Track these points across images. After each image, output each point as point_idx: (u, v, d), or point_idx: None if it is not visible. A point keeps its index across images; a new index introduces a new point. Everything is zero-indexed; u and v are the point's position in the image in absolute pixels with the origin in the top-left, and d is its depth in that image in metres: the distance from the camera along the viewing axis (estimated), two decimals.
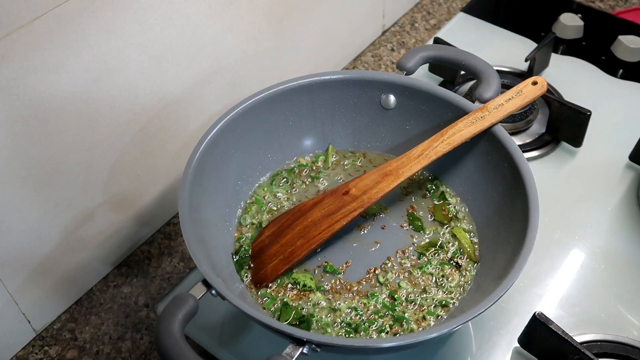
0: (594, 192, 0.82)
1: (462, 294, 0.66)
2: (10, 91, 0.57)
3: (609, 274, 0.74)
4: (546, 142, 0.88)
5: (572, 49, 1.04)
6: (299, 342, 0.53)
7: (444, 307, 0.65)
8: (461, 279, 0.67)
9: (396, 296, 0.65)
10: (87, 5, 0.60)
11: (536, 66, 0.95)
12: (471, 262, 0.68)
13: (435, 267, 0.68)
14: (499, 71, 0.86)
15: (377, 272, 0.68)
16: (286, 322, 0.63)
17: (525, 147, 0.86)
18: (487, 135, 0.69)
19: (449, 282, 0.67)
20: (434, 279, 0.67)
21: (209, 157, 0.67)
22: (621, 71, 1.01)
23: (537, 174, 0.64)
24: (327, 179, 0.77)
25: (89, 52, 0.62)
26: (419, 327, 0.63)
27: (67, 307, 0.76)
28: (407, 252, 0.69)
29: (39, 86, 0.59)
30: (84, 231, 0.72)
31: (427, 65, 0.97)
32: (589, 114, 0.83)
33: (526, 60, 0.93)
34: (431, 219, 0.73)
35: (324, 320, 0.64)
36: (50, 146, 0.63)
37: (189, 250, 0.58)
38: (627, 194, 0.82)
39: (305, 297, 0.66)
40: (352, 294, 0.66)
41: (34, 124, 0.61)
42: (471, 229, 0.71)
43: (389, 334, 0.63)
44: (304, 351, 0.53)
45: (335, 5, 0.94)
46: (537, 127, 0.89)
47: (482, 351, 0.68)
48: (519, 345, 0.67)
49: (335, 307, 0.65)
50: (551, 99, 0.87)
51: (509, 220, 0.65)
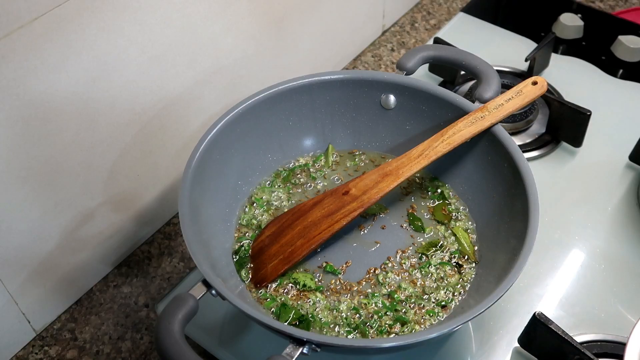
0: (594, 192, 0.82)
1: (462, 294, 0.66)
2: (10, 91, 0.57)
3: (609, 274, 0.74)
4: (546, 142, 0.88)
5: (572, 49, 1.04)
6: (299, 342, 0.53)
7: (444, 307, 0.65)
8: (461, 279, 0.67)
9: (396, 296, 0.65)
10: (87, 5, 0.60)
11: (536, 66, 0.95)
12: (471, 262, 0.68)
13: (435, 267, 0.68)
14: (499, 71, 0.86)
15: (377, 272, 0.68)
16: (286, 322, 0.63)
17: (525, 147, 0.86)
18: (487, 135, 0.69)
19: (449, 282, 0.67)
20: (434, 279, 0.67)
21: (209, 157, 0.67)
22: (621, 71, 1.01)
23: (537, 174, 0.64)
24: (327, 179, 0.77)
25: (89, 52, 0.62)
26: (419, 327, 0.63)
27: (67, 307, 0.76)
28: (407, 252, 0.69)
29: (39, 86, 0.59)
30: (84, 231, 0.72)
31: (427, 65, 0.97)
32: (589, 114, 0.83)
33: (526, 60, 0.93)
34: (431, 219, 0.73)
35: (324, 320, 0.64)
36: (50, 146, 0.63)
37: (189, 250, 0.58)
38: (627, 194, 0.82)
39: (305, 297, 0.66)
40: (352, 294, 0.66)
41: (34, 124, 0.61)
42: (471, 229, 0.71)
43: (389, 334, 0.63)
44: (304, 351, 0.53)
45: (335, 5, 0.94)
46: (537, 127, 0.89)
47: (482, 351, 0.68)
48: (519, 345, 0.67)
49: (335, 307, 0.65)
50: (551, 99, 0.87)
51: (509, 220, 0.65)
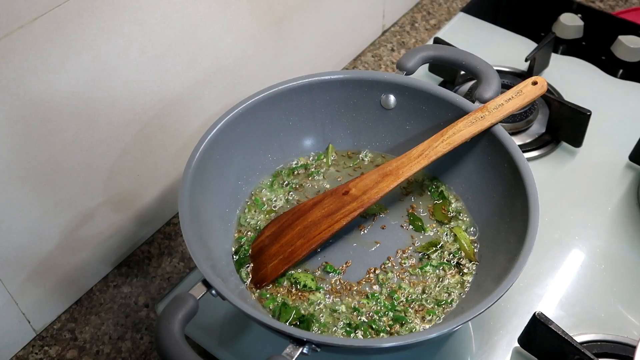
0: (593, 192, 0.82)
1: (462, 294, 0.66)
2: (10, 91, 0.57)
3: (609, 274, 0.74)
4: (546, 142, 0.88)
5: (572, 49, 1.04)
6: (299, 342, 0.53)
7: (444, 307, 0.65)
8: (461, 279, 0.67)
9: (396, 296, 0.65)
10: (87, 5, 0.60)
11: (536, 66, 0.95)
12: (471, 262, 0.68)
13: (435, 267, 0.68)
14: (499, 71, 0.86)
15: (377, 272, 0.68)
16: (286, 322, 0.63)
17: (525, 147, 0.86)
18: (487, 135, 0.69)
19: (449, 282, 0.67)
20: (434, 279, 0.67)
21: (209, 157, 0.67)
22: (621, 71, 1.01)
23: (537, 174, 0.64)
24: (327, 179, 0.77)
25: (89, 52, 0.62)
26: (419, 327, 0.63)
27: (67, 307, 0.76)
28: (407, 252, 0.69)
29: (39, 86, 0.59)
30: (84, 231, 0.72)
31: (427, 65, 0.97)
32: (589, 114, 0.83)
33: (526, 60, 0.93)
34: (431, 218, 0.73)
35: (324, 320, 0.64)
36: (50, 146, 0.63)
37: (189, 250, 0.58)
38: (627, 194, 0.82)
39: (305, 297, 0.66)
40: (352, 294, 0.66)
41: (34, 124, 0.61)
42: (471, 229, 0.71)
43: (389, 334, 0.63)
44: (304, 351, 0.53)
45: (335, 5, 0.94)
46: (537, 127, 0.89)
47: (482, 351, 0.68)
48: (519, 345, 0.67)
49: (335, 307, 0.65)
50: (551, 99, 0.87)
51: (509, 220, 0.65)
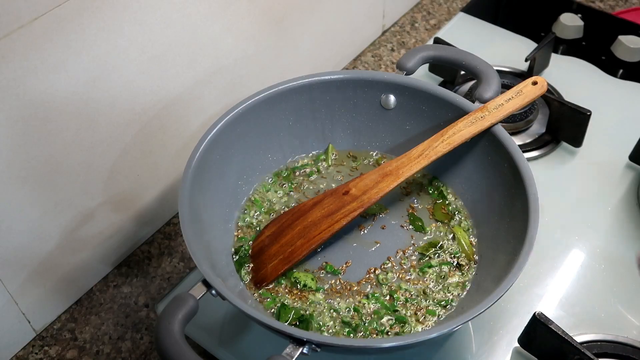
0: (593, 192, 0.82)
1: (462, 294, 0.66)
2: (10, 91, 0.57)
3: (608, 274, 0.74)
4: (546, 142, 0.88)
5: (572, 49, 1.04)
6: (299, 342, 0.53)
7: (444, 307, 0.65)
8: (461, 279, 0.67)
9: (396, 296, 0.65)
10: (87, 5, 0.60)
11: (536, 66, 0.95)
12: (471, 262, 0.68)
13: (435, 267, 0.68)
14: (499, 71, 0.86)
15: (377, 272, 0.68)
16: (286, 322, 0.63)
17: (525, 147, 0.86)
18: (487, 135, 0.69)
19: (449, 282, 0.67)
20: (434, 279, 0.67)
21: (209, 157, 0.67)
22: (621, 71, 1.01)
23: (537, 174, 0.64)
24: (327, 179, 0.77)
25: (89, 52, 0.62)
26: (419, 327, 0.63)
27: (67, 307, 0.76)
28: (407, 252, 0.69)
29: (39, 86, 0.59)
30: (84, 231, 0.72)
31: (427, 65, 0.97)
32: (589, 114, 0.83)
33: (526, 60, 0.93)
34: (431, 218, 0.73)
35: (324, 320, 0.64)
36: (50, 146, 0.63)
37: (189, 250, 0.58)
38: (627, 194, 0.82)
39: (305, 297, 0.66)
40: (352, 294, 0.66)
41: (34, 124, 0.61)
42: (471, 229, 0.71)
43: (389, 334, 0.63)
44: (304, 351, 0.53)
45: (335, 5, 0.94)
46: (537, 127, 0.89)
47: (482, 351, 0.68)
48: (519, 345, 0.67)
49: (335, 307, 0.65)
50: (551, 99, 0.87)
51: (509, 220, 0.65)
